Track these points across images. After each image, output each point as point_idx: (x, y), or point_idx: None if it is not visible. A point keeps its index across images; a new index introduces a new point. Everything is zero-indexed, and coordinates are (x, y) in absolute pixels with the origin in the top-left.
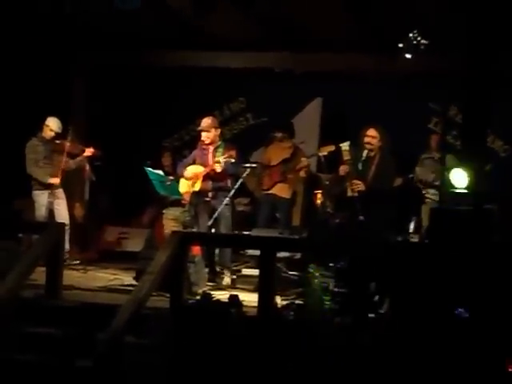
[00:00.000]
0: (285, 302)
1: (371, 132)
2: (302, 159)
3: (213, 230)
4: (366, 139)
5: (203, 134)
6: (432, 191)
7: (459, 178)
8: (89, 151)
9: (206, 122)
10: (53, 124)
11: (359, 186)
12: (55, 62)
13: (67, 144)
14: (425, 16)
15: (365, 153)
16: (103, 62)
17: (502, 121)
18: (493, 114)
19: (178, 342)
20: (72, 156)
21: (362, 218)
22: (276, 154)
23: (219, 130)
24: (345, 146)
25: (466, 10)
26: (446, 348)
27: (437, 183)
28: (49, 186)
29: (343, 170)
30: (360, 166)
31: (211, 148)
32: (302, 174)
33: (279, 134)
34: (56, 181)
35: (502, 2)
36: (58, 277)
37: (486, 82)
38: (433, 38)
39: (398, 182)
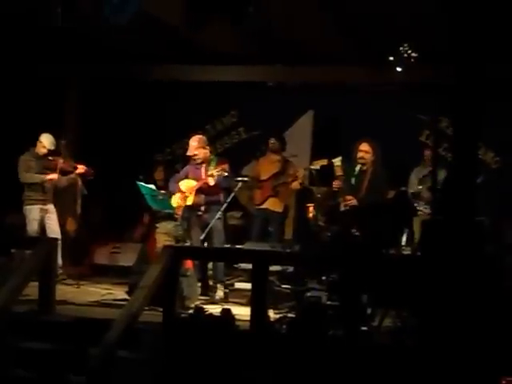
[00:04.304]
0: (277, 316)
1: (364, 146)
2: (300, 170)
3: (205, 244)
4: (359, 154)
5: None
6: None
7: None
8: (81, 168)
9: (192, 146)
10: (46, 141)
11: (352, 201)
12: (48, 77)
13: (60, 161)
14: (415, 29)
15: (358, 167)
16: (95, 76)
17: (493, 133)
18: (484, 126)
19: (171, 357)
20: (64, 173)
21: (354, 231)
22: (266, 168)
23: (208, 148)
24: (337, 161)
25: (455, 23)
26: (438, 360)
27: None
28: (43, 189)
29: (336, 185)
30: (353, 181)
31: (204, 163)
32: (296, 184)
33: (274, 142)
34: (54, 176)
35: (493, 14)
36: (51, 292)
37: (476, 94)
38: (423, 50)
39: (391, 194)
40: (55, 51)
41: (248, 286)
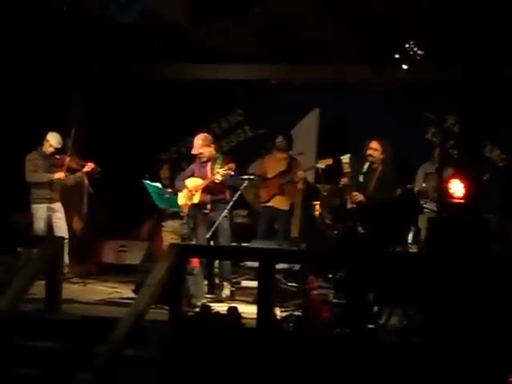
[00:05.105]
0: (284, 314)
1: (374, 144)
2: (299, 172)
3: (211, 242)
4: (369, 151)
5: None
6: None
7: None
8: (88, 167)
9: (198, 144)
10: (53, 139)
11: (358, 197)
12: (54, 75)
13: (67, 159)
14: (421, 27)
15: (366, 165)
16: (101, 75)
17: (500, 130)
18: (490, 124)
19: (178, 355)
20: (71, 171)
21: (360, 228)
22: (272, 166)
23: (213, 146)
24: (345, 158)
25: (462, 21)
26: (444, 358)
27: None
28: (50, 188)
29: (343, 182)
30: (361, 178)
31: (209, 162)
32: (300, 185)
33: (282, 139)
34: (61, 175)
35: (499, 12)
36: (58, 290)
37: (482, 92)
38: (429, 47)
39: (397, 192)
40: (61, 49)
41: (254, 284)
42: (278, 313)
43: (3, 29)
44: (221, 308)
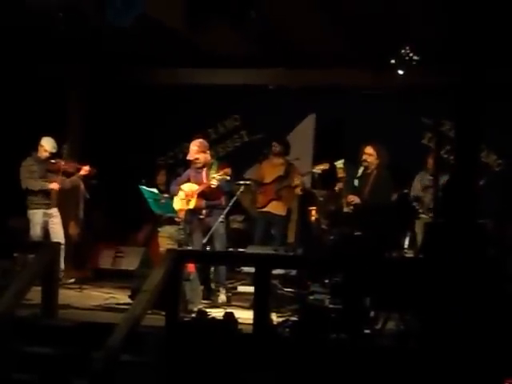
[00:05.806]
0: (280, 319)
1: (368, 149)
2: (295, 178)
3: (208, 248)
4: (364, 157)
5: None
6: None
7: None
8: (85, 170)
9: (193, 150)
10: (47, 144)
11: (354, 199)
12: (50, 81)
13: (62, 163)
14: (417, 31)
15: (361, 170)
16: (99, 80)
17: (496, 135)
18: (486, 129)
19: (174, 360)
20: (67, 174)
21: (357, 233)
22: (269, 171)
23: (208, 152)
24: (339, 163)
25: (458, 25)
26: (441, 363)
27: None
28: (47, 194)
29: (338, 187)
30: (356, 183)
31: (204, 168)
32: (298, 191)
33: (276, 145)
34: (55, 186)
35: (496, 17)
36: (54, 296)
37: (478, 97)
38: (425, 52)
39: (393, 197)
40: (58, 54)
41: (251, 289)
42: (275, 318)
43: (2, 31)
44: (217, 313)
